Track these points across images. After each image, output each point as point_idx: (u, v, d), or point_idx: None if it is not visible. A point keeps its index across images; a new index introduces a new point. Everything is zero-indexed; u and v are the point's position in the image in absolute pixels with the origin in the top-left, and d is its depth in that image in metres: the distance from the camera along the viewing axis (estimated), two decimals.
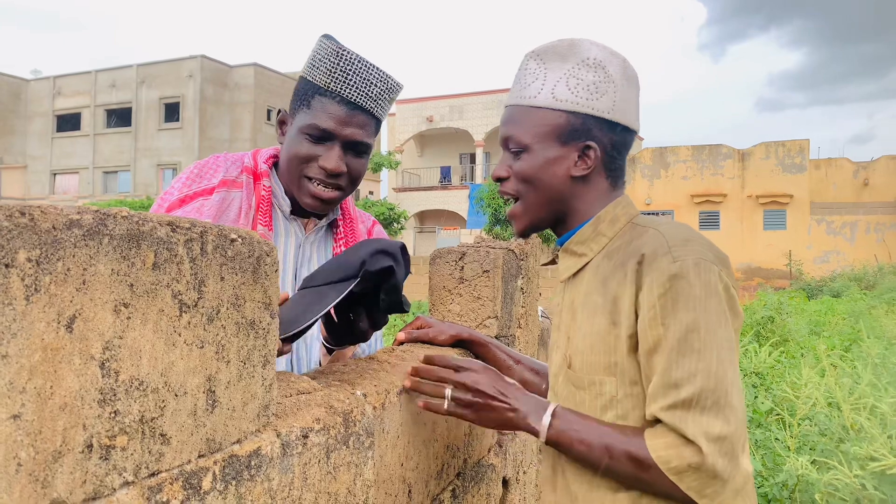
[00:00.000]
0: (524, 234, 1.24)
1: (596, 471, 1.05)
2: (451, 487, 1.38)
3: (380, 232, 1.69)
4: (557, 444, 1.08)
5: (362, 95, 1.39)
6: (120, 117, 36.63)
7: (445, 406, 1.14)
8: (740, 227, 27.33)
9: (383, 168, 29.32)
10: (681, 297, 0.99)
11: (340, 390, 0.99)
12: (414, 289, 20.40)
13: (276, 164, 1.51)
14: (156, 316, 0.59)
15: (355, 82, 1.38)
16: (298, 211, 1.49)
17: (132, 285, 0.57)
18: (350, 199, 1.58)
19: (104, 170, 36.83)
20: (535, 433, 1.09)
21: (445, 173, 34.82)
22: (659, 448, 0.97)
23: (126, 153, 35.97)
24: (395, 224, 28.14)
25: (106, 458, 0.55)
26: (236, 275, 0.70)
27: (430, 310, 1.85)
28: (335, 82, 1.37)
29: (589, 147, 1.14)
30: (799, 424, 3.48)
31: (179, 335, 0.62)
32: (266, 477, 0.75)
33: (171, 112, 35.04)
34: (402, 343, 1.46)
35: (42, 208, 0.49)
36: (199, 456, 0.66)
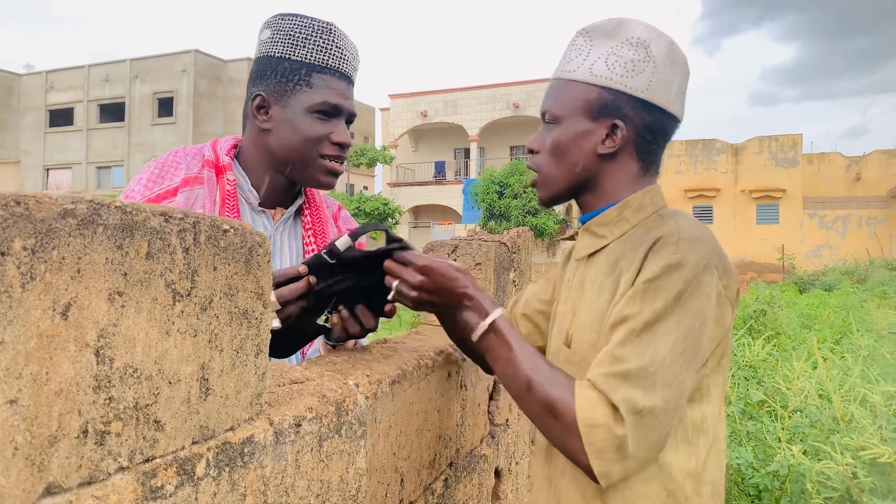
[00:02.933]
0: (546, 204, 1.25)
1: (511, 395, 1.08)
2: (443, 477, 1.39)
3: (346, 217, 1.68)
4: (486, 350, 1.12)
5: (352, 68, 1.43)
6: (113, 112, 36.48)
7: (390, 297, 1.20)
8: (733, 221, 27.44)
9: (378, 163, 29.26)
10: (666, 287, 0.99)
11: (333, 380, 1.00)
12: None
13: (237, 155, 1.47)
14: (149, 304, 0.60)
15: (348, 57, 1.41)
16: (264, 202, 1.46)
17: (126, 274, 0.58)
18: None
19: (97, 165, 36.69)
20: (471, 328, 1.13)
21: (440, 168, 34.79)
22: (583, 398, 0.96)
23: (119, 148, 35.84)
24: (390, 219, 28.12)
25: (101, 444, 0.56)
26: (229, 265, 0.71)
27: None
28: (333, 58, 1.38)
29: (616, 125, 1.13)
30: (790, 416, 3.51)
31: (173, 324, 0.63)
32: (259, 464, 0.76)
33: (165, 107, 34.91)
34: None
35: (37, 197, 0.50)
36: (193, 443, 0.67)
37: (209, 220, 0.68)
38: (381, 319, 1.26)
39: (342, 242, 1.19)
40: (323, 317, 1.24)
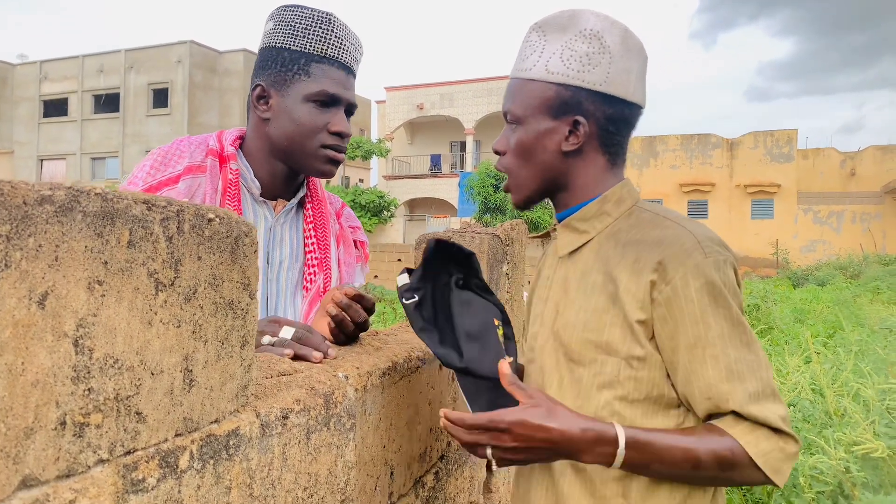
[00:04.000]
0: (521, 207, 1.23)
1: (678, 482, 1.04)
2: (434, 470, 1.39)
3: (349, 214, 1.68)
4: (632, 468, 1.01)
5: (353, 59, 1.44)
6: (108, 103, 36.27)
7: (495, 468, 1.13)
8: (728, 216, 27.48)
9: (373, 156, 29.20)
10: (719, 292, 1.01)
11: (322, 372, 0.99)
12: None
13: (241, 146, 1.48)
14: (131, 294, 0.59)
15: (347, 47, 1.42)
16: (266, 192, 1.47)
17: (106, 263, 0.56)
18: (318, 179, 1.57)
19: (92, 156, 36.51)
20: (607, 466, 1.00)
21: (436, 161, 34.74)
22: (758, 443, 0.98)
23: (114, 139, 35.66)
24: (385, 212, 28.09)
25: (80, 436, 0.55)
26: (214, 254, 0.70)
27: None
28: (332, 48, 1.39)
29: (578, 122, 1.12)
30: None
31: (155, 314, 0.62)
32: (245, 457, 0.75)
33: (160, 98, 34.73)
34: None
35: (12, 183, 0.49)
36: (177, 435, 0.66)
37: (193, 208, 0.67)
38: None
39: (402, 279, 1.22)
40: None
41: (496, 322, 1.20)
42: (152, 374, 0.62)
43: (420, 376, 1.30)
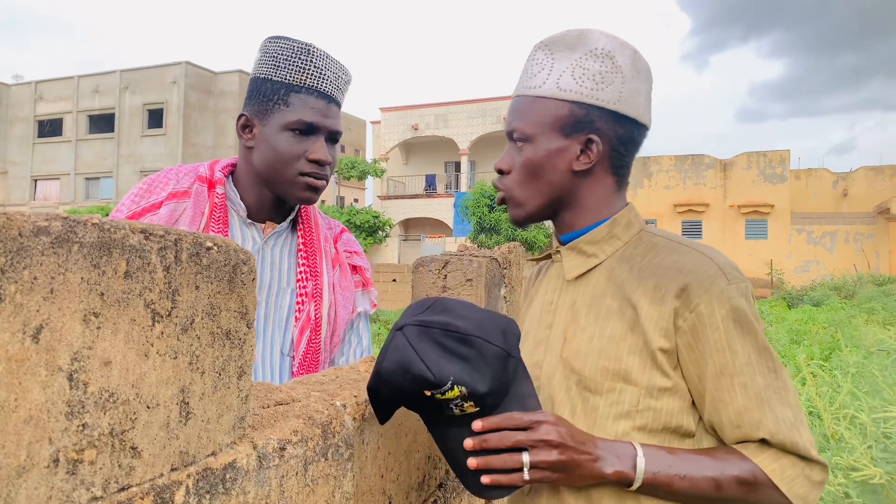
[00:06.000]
0: (520, 224, 1.20)
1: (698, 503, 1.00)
2: (432, 499, 1.36)
3: (348, 240, 1.69)
4: (652, 488, 0.98)
5: (334, 88, 1.46)
6: (102, 123, 36.32)
7: (526, 476, 0.94)
8: (722, 236, 27.58)
9: (368, 176, 29.25)
10: (743, 320, 1.00)
11: (320, 401, 0.97)
12: (397, 297, 20.35)
13: (232, 174, 1.52)
14: (127, 326, 0.58)
15: (328, 76, 1.44)
16: (254, 215, 1.50)
17: (103, 294, 0.55)
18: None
19: (86, 176, 36.48)
20: (628, 481, 0.97)
21: (430, 181, 34.83)
22: (784, 470, 0.97)
23: (109, 159, 35.66)
24: (380, 232, 28.09)
25: (73, 473, 0.53)
26: (211, 283, 0.69)
27: None
28: (311, 78, 1.42)
29: (591, 140, 1.10)
30: None
31: (152, 345, 0.61)
32: (241, 490, 0.73)
33: (155, 118, 34.80)
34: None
35: (8, 215, 0.48)
36: (172, 469, 0.64)
37: (191, 236, 0.66)
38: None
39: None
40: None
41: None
42: (148, 407, 0.61)
43: None
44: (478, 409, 0.94)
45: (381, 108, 33.43)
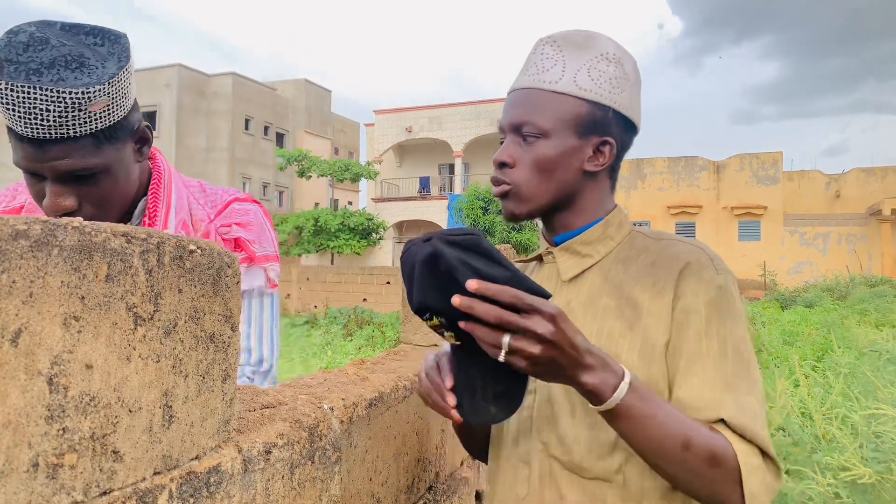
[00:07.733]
0: (518, 219, 1.16)
1: (659, 460, 0.95)
2: (422, 502, 1.36)
3: (231, 212, 1.43)
4: (625, 418, 0.92)
5: (36, 128, 1.07)
6: None
7: (501, 358, 0.87)
8: (716, 238, 27.63)
9: (362, 178, 29.20)
10: (726, 308, 1.01)
11: (307, 404, 0.97)
12: (390, 298, 20.33)
13: None
14: (109, 329, 0.58)
15: (21, 116, 1.06)
16: None
17: (83, 298, 0.55)
18: (163, 201, 1.33)
19: None
20: (601, 398, 0.91)
21: (424, 184, 34.80)
22: (749, 456, 0.94)
23: None
24: (375, 234, 28.06)
25: (53, 478, 0.53)
26: (195, 287, 0.68)
27: (403, 320, 1.84)
28: (8, 119, 1.10)
29: (606, 142, 1.10)
30: (773, 435, 3.50)
31: (134, 349, 0.61)
32: (226, 494, 0.73)
33: (148, 121, 34.65)
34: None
35: None
36: (155, 473, 0.64)
37: (174, 240, 0.66)
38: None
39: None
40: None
41: None
42: (130, 411, 0.60)
43: (407, 406, 1.29)
44: (458, 342, 0.91)
45: (375, 110, 33.38)
